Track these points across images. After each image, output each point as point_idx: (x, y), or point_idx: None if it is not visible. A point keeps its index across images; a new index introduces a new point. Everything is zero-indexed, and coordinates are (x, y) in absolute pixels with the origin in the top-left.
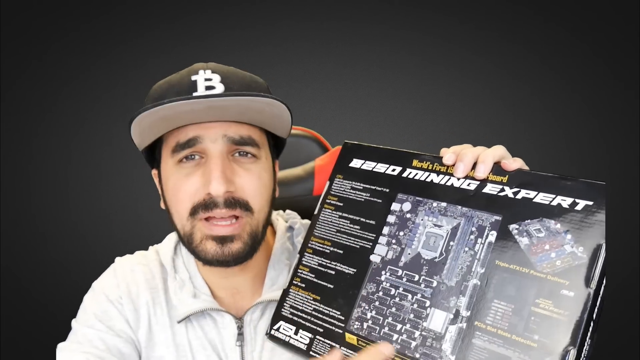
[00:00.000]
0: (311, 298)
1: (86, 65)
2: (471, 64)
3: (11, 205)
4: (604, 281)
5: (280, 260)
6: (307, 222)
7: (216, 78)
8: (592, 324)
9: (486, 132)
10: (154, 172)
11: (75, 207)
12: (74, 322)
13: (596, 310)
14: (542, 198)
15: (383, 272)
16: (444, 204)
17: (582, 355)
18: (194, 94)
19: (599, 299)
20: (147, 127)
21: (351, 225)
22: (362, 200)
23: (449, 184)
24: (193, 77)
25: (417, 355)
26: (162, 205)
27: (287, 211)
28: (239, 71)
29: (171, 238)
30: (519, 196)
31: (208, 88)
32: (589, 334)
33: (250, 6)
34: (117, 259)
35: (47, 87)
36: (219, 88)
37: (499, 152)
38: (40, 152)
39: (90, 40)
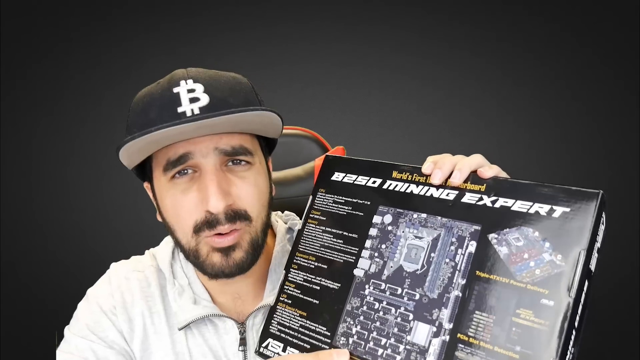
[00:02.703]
0: (297, 314)
1: (86, 66)
2: (471, 64)
3: (11, 204)
4: (586, 288)
5: (281, 264)
6: None
7: (199, 88)
8: (574, 332)
9: (486, 132)
10: (146, 184)
11: (76, 207)
12: (66, 331)
13: (577, 318)
14: (519, 206)
15: (367, 286)
16: (424, 215)
17: None
18: (179, 109)
19: (580, 306)
20: (136, 150)
21: (334, 240)
22: (345, 213)
23: (428, 194)
24: (175, 89)
25: None
26: (159, 218)
27: (286, 212)
28: (221, 74)
29: (168, 242)
30: (497, 205)
31: (192, 100)
32: (571, 343)
33: (250, 6)
34: (113, 265)
35: (48, 88)
36: (204, 99)
37: (476, 160)
38: (41, 152)
39: (91, 40)
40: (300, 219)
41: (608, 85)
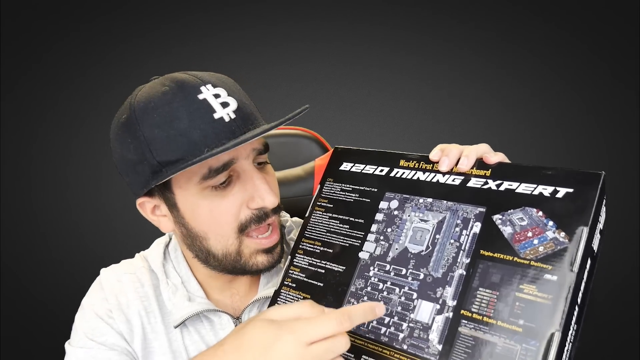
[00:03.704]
0: (301, 297)
1: (86, 66)
2: (471, 64)
3: (11, 205)
4: (588, 267)
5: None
6: (296, 219)
7: (223, 92)
8: (576, 307)
9: (486, 132)
10: (142, 200)
11: (75, 207)
12: (67, 345)
13: (580, 294)
14: (524, 188)
15: (371, 268)
16: (430, 200)
17: (568, 340)
18: (215, 115)
19: (583, 283)
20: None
21: (341, 225)
22: (352, 200)
23: (434, 180)
24: (199, 96)
25: (405, 347)
26: (166, 230)
27: None
28: (219, 75)
29: (159, 243)
30: (501, 188)
31: (224, 105)
32: (574, 318)
33: (250, 6)
34: (102, 271)
35: (48, 88)
36: (232, 103)
37: (482, 148)
38: (41, 152)
39: (90, 40)
40: (291, 217)
41: (609, 85)
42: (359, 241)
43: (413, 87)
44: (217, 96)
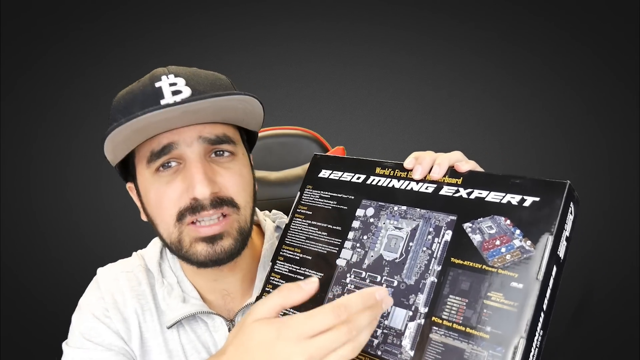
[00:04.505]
0: None
1: (86, 66)
2: (471, 64)
3: (11, 205)
4: (554, 274)
5: (270, 261)
6: None
7: (181, 82)
8: (542, 314)
9: (486, 132)
10: (129, 185)
11: (75, 207)
12: (64, 345)
13: (546, 301)
14: (493, 197)
15: (348, 275)
16: (404, 207)
17: (533, 345)
18: (162, 102)
19: (549, 290)
20: (121, 141)
21: (319, 232)
22: (330, 208)
23: (408, 188)
24: (157, 84)
25: (380, 353)
26: (143, 217)
27: (274, 211)
28: (201, 71)
29: (156, 243)
30: (472, 196)
31: (175, 93)
32: (539, 324)
33: (250, 6)
34: (99, 270)
35: (48, 88)
36: (186, 92)
37: (455, 156)
38: (41, 152)
39: (90, 40)
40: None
41: (609, 85)
42: (337, 248)
43: (413, 87)
44: (172, 84)
